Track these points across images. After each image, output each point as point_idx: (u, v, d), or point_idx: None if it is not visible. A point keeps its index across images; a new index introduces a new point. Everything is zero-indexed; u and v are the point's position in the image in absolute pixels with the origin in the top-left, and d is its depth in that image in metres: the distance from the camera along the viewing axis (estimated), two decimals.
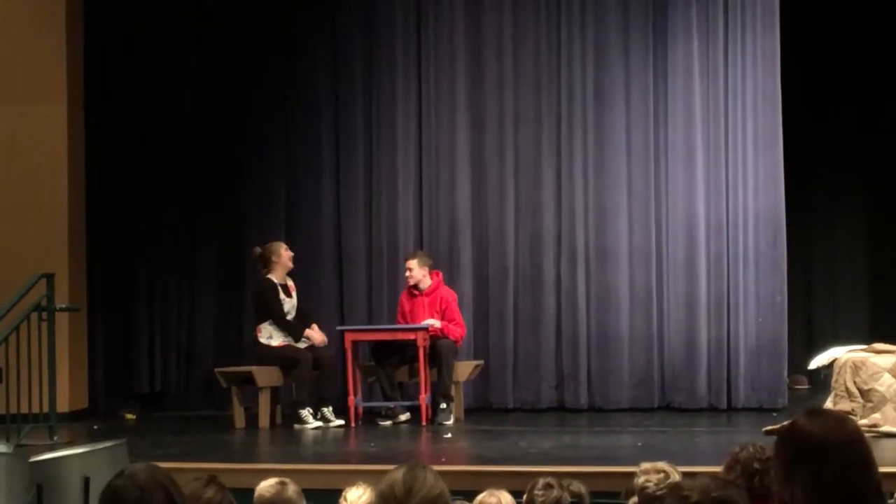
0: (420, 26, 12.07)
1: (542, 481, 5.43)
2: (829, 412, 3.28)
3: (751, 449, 5.07)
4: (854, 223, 13.50)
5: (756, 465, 4.98)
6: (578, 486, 5.89)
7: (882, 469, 3.34)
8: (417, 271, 10.92)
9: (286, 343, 10.78)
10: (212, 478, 4.07)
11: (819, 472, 3.01)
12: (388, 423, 10.72)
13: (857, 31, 12.75)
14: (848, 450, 3.05)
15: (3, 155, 11.57)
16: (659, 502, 4.85)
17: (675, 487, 2.76)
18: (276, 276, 10.90)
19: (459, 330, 10.94)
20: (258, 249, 11.02)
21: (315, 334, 10.89)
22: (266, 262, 10.92)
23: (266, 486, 5.09)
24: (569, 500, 5.43)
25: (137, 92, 12.38)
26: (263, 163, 12.30)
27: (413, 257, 11.04)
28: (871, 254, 13.47)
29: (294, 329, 10.83)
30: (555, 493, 5.36)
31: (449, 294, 11.02)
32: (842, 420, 3.20)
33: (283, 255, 10.92)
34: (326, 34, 12.26)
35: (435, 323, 10.75)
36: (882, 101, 12.81)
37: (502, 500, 5.14)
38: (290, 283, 11.02)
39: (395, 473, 3.30)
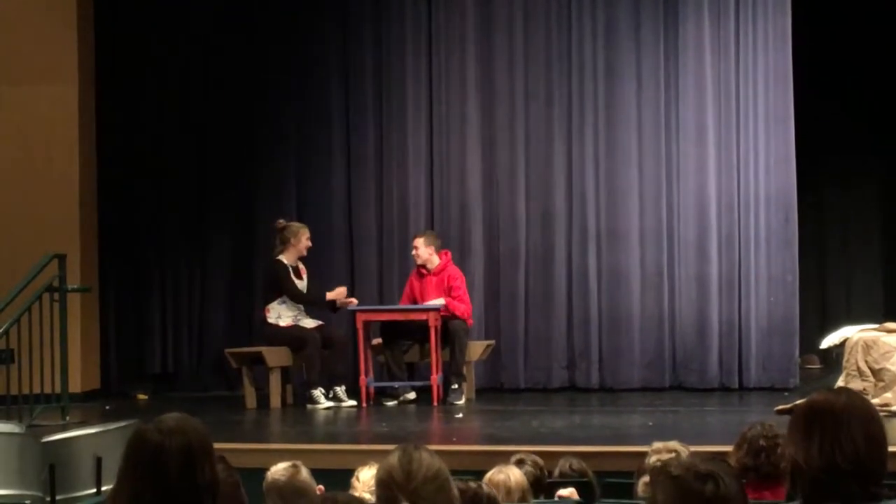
0: (431, 5, 12.05)
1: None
2: (852, 390, 3.37)
3: (759, 427, 5.13)
4: (868, 202, 13.47)
5: (762, 441, 5.03)
6: (580, 464, 5.92)
7: (893, 448, 3.38)
8: (423, 250, 10.91)
9: (294, 323, 10.79)
10: (219, 458, 4.09)
11: (839, 438, 3.09)
12: (394, 402, 10.73)
13: (870, 7, 12.68)
14: (870, 424, 3.13)
15: (15, 136, 11.58)
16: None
17: (663, 465, 2.80)
18: (287, 258, 10.89)
19: (463, 306, 10.89)
20: (282, 223, 10.99)
21: (337, 293, 10.90)
22: (284, 241, 10.90)
23: (278, 469, 5.09)
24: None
25: (148, 73, 12.37)
26: (274, 142, 12.30)
27: (420, 236, 11.04)
28: (884, 233, 13.45)
29: (314, 300, 10.83)
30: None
31: (455, 272, 11.00)
32: (863, 397, 3.31)
33: (303, 242, 10.90)
34: (337, 14, 12.24)
35: (440, 302, 10.72)
36: None
37: (511, 477, 5.15)
38: (301, 266, 11.02)
39: (390, 459, 3.28)
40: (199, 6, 12.39)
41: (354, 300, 11.10)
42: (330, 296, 10.91)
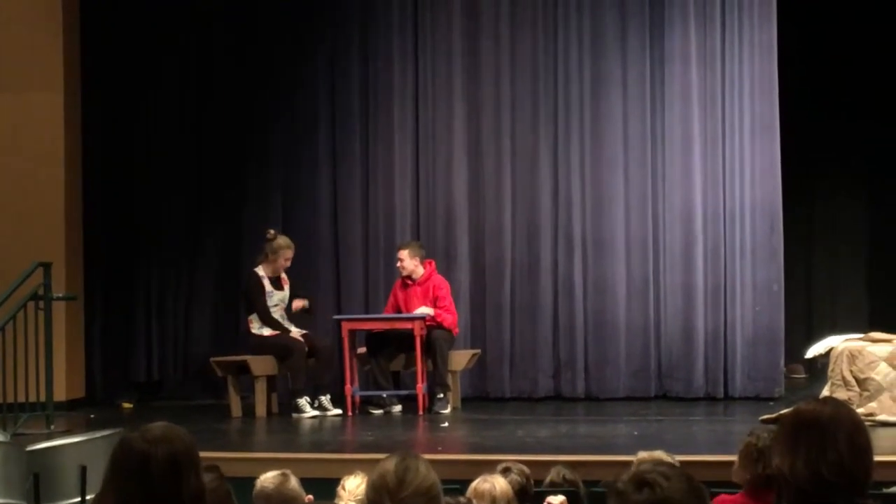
0: (417, 14, 12.05)
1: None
2: (838, 400, 3.38)
3: (766, 436, 5.06)
4: (854, 212, 13.49)
5: None
6: (573, 474, 5.93)
7: (879, 458, 3.38)
8: (408, 262, 10.91)
9: (278, 332, 10.77)
10: (212, 467, 4.08)
11: (825, 449, 3.10)
12: (380, 411, 10.74)
13: (857, 17, 12.71)
14: (855, 434, 3.14)
15: (0, 144, 11.54)
16: None
17: (614, 480, 2.82)
18: (264, 269, 10.88)
19: (451, 317, 10.90)
20: (272, 234, 10.95)
21: (296, 303, 10.89)
22: (266, 253, 10.90)
23: (267, 478, 5.10)
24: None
25: (135, 81, 12.35)
26: (261, 153, 12.29)
27: (405, 248, 11.02)
28: (870, 243, 13.47)
29: (276, 326, 10.80)
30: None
31: (440, 282, 11.01)
32: (849, 407, 3.32)
33: (280, 261, 10.84)
34: (323, 23, 12.23)
35: (429, 311, 10.74)
36: (883, 88, 12.77)
37: (496, 486, 5.15)
38: (284, 276, 10.99)
39: (387, 464, 3.25)
40: (186, 15, 12.37)
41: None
42: (293, 334, 10.85)
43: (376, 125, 12.12)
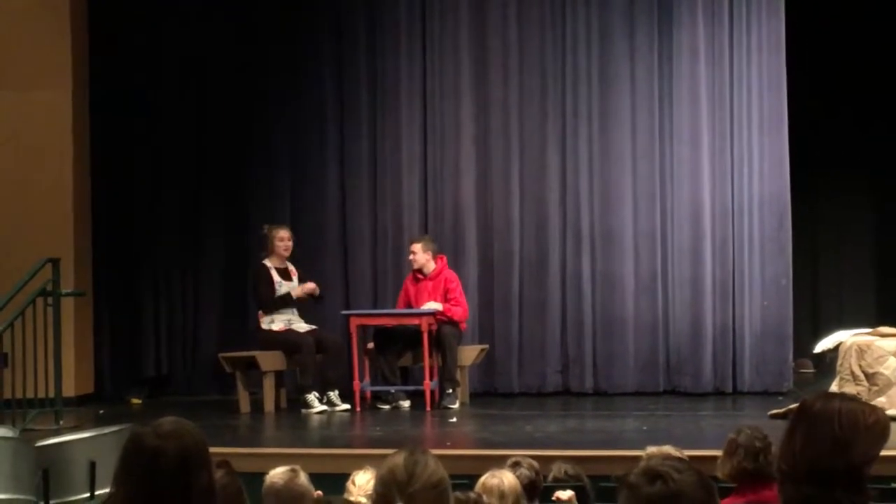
0: (425, 10, 12.05)
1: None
2: (843, 394, 3.37)
3: (748, 432, 5.28)
4: (861, 208, 13.48)
5: (757, 443, 5.18)
6: (575, 469, 5.94)
7: (887, 453, 3.36)
8: (420, 255, 10.94)
9: (288, 328, 10.79)
10: (223, 462, 4.09)
11: (815, 441, 3.13)
12: (388, 407, 10.75)
13: (865, 14, 12.69)
14: (848, 428, 3.13)
15: (9, 142, 11.56)
16: None
17: (625, 474, 2.84)
18: (273, 261, 10.91)
19: (461, 311, 10.93)
20: (266, 228, 11.02)
21: (303, 288, 10.88)
22: (267, 246, 10.95)
23: (277, 473, 5.10)
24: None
25: (142, 77, 12.34)
26: (268, 147, 12.29)
27: (418, 241, 11.08)
28: (877, 238, 13.46)
29: (282, 302, 10.83)
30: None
31: (452, 276, 11.03)
32: (854, 402, 3.27)
33: (275, 242, 10.92)
34: (331, 18, 12.24)
35: (438, 306, 10.75)
36: (891, 85, 12.76)
37: (504, 481, 5.15)
38: (291, 267, 11.02)
39: (396, 458, 3.26)
40: (196, 13, 12.37)
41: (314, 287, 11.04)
42: (295, 293, 10.89)
43: (384, 121, 12.12)
